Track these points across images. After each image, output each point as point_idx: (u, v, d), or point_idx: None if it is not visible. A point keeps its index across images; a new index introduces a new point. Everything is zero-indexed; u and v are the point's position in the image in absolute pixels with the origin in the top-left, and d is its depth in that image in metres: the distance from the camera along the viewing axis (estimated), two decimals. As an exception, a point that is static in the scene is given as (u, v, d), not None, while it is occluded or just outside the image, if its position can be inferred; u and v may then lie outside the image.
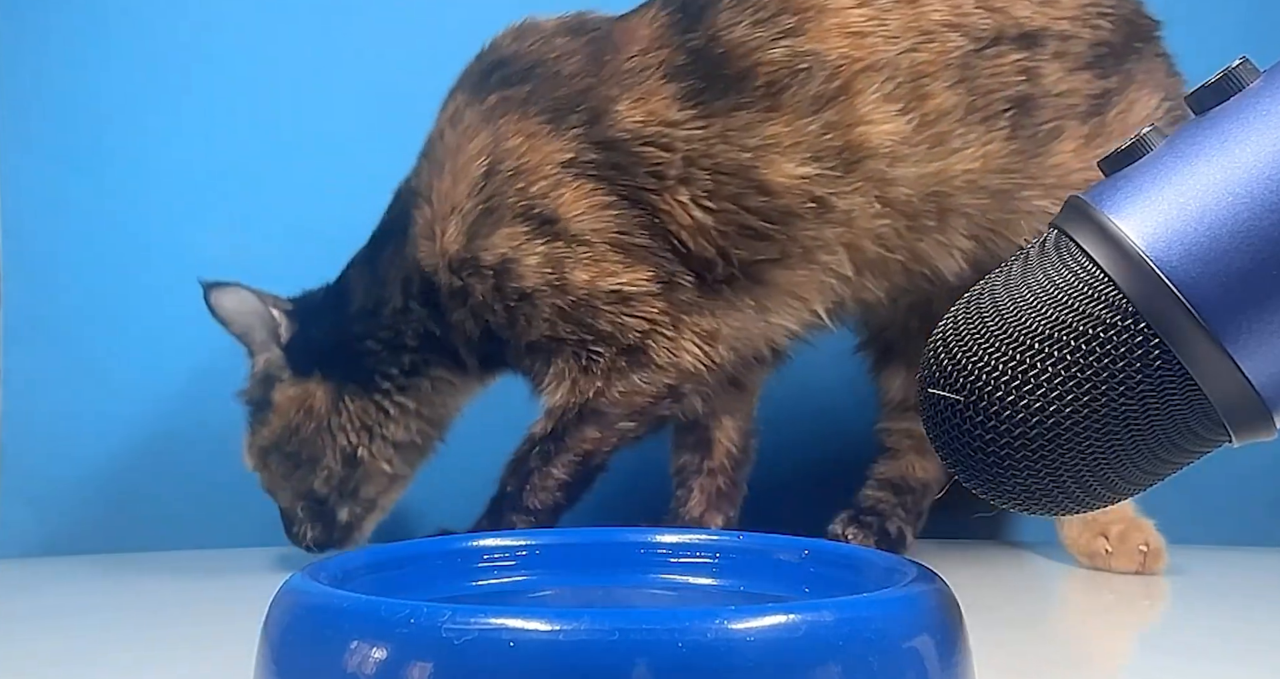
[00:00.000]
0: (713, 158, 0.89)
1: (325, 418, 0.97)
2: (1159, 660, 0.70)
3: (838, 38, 0.88)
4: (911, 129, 0.89)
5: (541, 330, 0.91)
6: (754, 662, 0.38)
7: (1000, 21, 0.90)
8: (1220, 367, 0.38)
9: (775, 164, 0.89)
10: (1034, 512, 0.43)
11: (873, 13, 0.89)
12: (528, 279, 0.90)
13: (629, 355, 0.90)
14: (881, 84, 0.88)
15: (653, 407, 0.91)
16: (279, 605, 0.44)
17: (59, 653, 0.73)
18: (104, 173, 1.20)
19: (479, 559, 0.57)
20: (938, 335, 0.43)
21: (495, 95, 0.93)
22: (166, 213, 1.20)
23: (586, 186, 0.89)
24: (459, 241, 0.91)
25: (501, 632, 0.38)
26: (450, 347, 0.97)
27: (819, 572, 0.54)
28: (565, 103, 0.90)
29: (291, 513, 0.99)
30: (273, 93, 1.21)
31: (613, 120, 0.90)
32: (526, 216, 0.89)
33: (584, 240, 0.89)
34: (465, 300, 0.93)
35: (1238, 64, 0.40)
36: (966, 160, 0.90)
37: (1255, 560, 1.05)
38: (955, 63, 0.89)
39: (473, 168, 0.91)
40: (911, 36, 0.89)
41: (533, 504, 0.91)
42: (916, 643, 0.41)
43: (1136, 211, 0.39)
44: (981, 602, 0.89)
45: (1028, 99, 0.90)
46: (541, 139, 0.90)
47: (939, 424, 0.42)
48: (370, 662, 0.39)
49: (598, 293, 0.89)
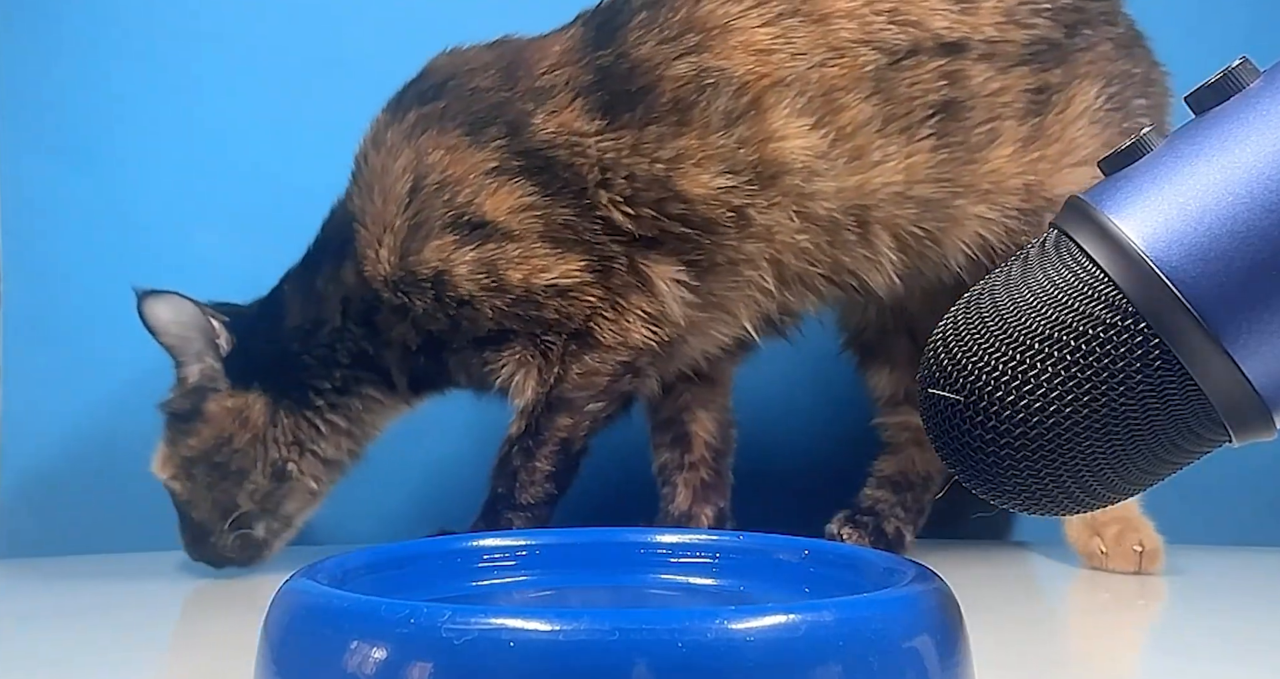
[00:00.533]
0: (628, 168, 0.89)
1: (261, 431, 0.97)
2: (1159, 660, 0.70)
3: (743, 55, 0.89)
4: (827, 144, 0.89)
5: (488, 326, 0.92)
6: (754, 662, 0.38)
7: (916, 35, 0.90)
8: (1220, 367, 0.38)
9: (691, 175, 0.89)
10: (1034, 512, 0.43)
11: (779, 31, 0.90)
12: (463, 286, 0.91)
13: (578, 339, 0.91)
14: (792, 99, 0.88)
15: (614, 384, 0.92)
16: (279, 605, 0.44)
17: (59, 653, 0.73)
18: (104, 173, 1.20)
19: (479, 559, 0.57)
20: (938, 335, 0.43)
21: (414, 112, 0.94)
22: (166, 213, 1.20)
23: (511, 186, 0.90)
24: (392, 260, 0.92)
25: (501, 632, 0.38)
26: (382, 366, 0.98)
27: (819, 572, 0.54)
28: (482, 116, 0.92)
29: (208, 526, 0.97)
30: (274, 92, 1.21)
31: (531, 132, 0.91)
32: (454, 226, 0.90)
33: (513, 237, 0.90)
34: (406, 314, 0.94)
35: (1238, 64, 0.40)
36: (889, 173, 0.89)
37: (1255, 560, 1.05)
38: (869, 76, 0.89)
39: (398, 186, 0.92)
40: (821, 53, 0.89)
41: (525, 500, 0.91)
42: (916, 643, 0.41)
43: (1136, 212, 0.39)
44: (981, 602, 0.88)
45: (954, 103, 0.90)
46: (463, 151, 0.91)
47: (939, 424, 0.42)
48: (370, 662, 0.39)
49: (535, 289, 0.90)
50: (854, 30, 0.90)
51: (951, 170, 0.91)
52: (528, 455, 0.92)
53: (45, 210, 1.19)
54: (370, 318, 0.96)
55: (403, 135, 0.94)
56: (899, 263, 0.93)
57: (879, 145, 0.89)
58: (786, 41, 0.89)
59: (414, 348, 0.96)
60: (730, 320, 0.95)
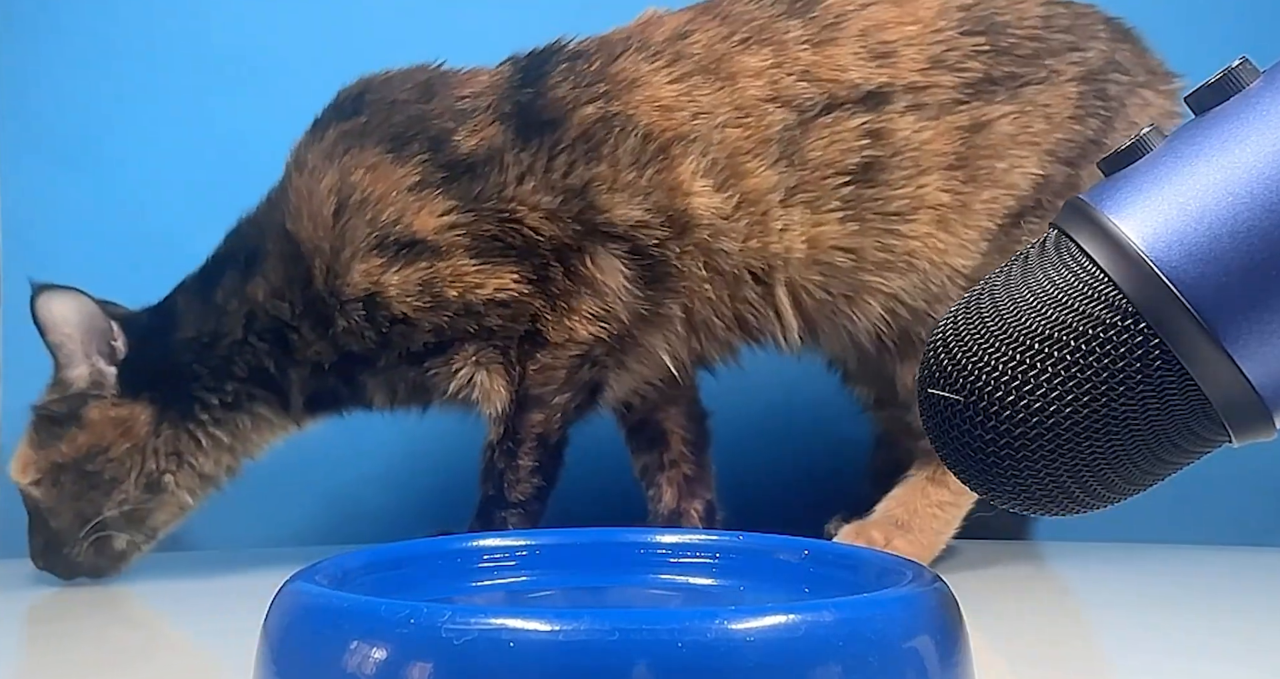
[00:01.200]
0: (546, 183, 0.90)
1: (142, 441, 0.94)
2: (1159, 660, 0.70)
3: (649, 108, 0.90)
4: (730, 207, 0.89)
5: (425, 339, 0.92)
6: (754, 662, 0.38)
7: (831, 89, 0.89)
8: (1220, 367, 0.38)
9: (608, 197, 0.90)
10: (1034, 512, 0.43)
11: (684, 89, 0.90)
12: (396, 307, 0.90)
13: (528, 339, 0.91)
14: (698, 156, 0.89)
15: (573, 375, 0.92)
16: (279, 606, 0.44)
17: (59, 653, 0.73)
18: (104, 173, 1.20)
19: (479, 559, 0.57)
20: (938, 335, 0.43)
21: (333, 129, 0.94)
22: (166, 213, 1.20)
23: (435, 202, 0.90)
24: (320, 281, 0.91)
25: (501, 632, 0.38)
26: (279, 384, 0.96)
27: (819, 572, 0.54)
28: (402, 130, 0.92)
29: (65, 535, 0.93)
30: (274, 92, 1.21)
31: (453, 146, 0.91)
32: (381, 247, 0.90)
33: (441, 255, 0.90)
34: (326, 331, 0.93)
35: (1238, 64, 0.40)
36: (792, 239, 0.90)
37: (1255, 560, 1.05)
38: (776, 138, 0.89)
39: (324, 209, 0.91)
40: (725, 112, 0.89)
41: (516, 497, 0.92)
42: (916, 643, 0.41)
43: (1136, 212, 0.39)
44: (982, 602, 0.89)
45: (874, 165, 0.89)
46: (385, 168, 0.91)
47: (939, 424, 0.42)
48: (370, 662, 0.39)
49: (474, 305, 0.90)
50: (762, 87, 0.90)
51: (861, 241, 0.90)
52: (510, 456, 0.92)
53: (45, 210, 1.19)
54: (281, 334, 0.94)
55: (324, 155, 0.93)
56: (802, 326, 0.94)
57: (781, 215, 0.90)
58: (691, 99, 0.90)
59: (327, 366, 0.94)
60: (648, 361, 0.95)
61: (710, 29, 0.93)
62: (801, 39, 0.91)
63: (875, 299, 0.92)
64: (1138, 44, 0.95)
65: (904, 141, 0.89)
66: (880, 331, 0.93)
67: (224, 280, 0.95)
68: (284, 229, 0.93)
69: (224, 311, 0.94)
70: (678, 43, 0.92)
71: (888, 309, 0.92)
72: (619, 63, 0.92)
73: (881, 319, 0.92)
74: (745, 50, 0.91)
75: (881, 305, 0.92)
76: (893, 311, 0.92)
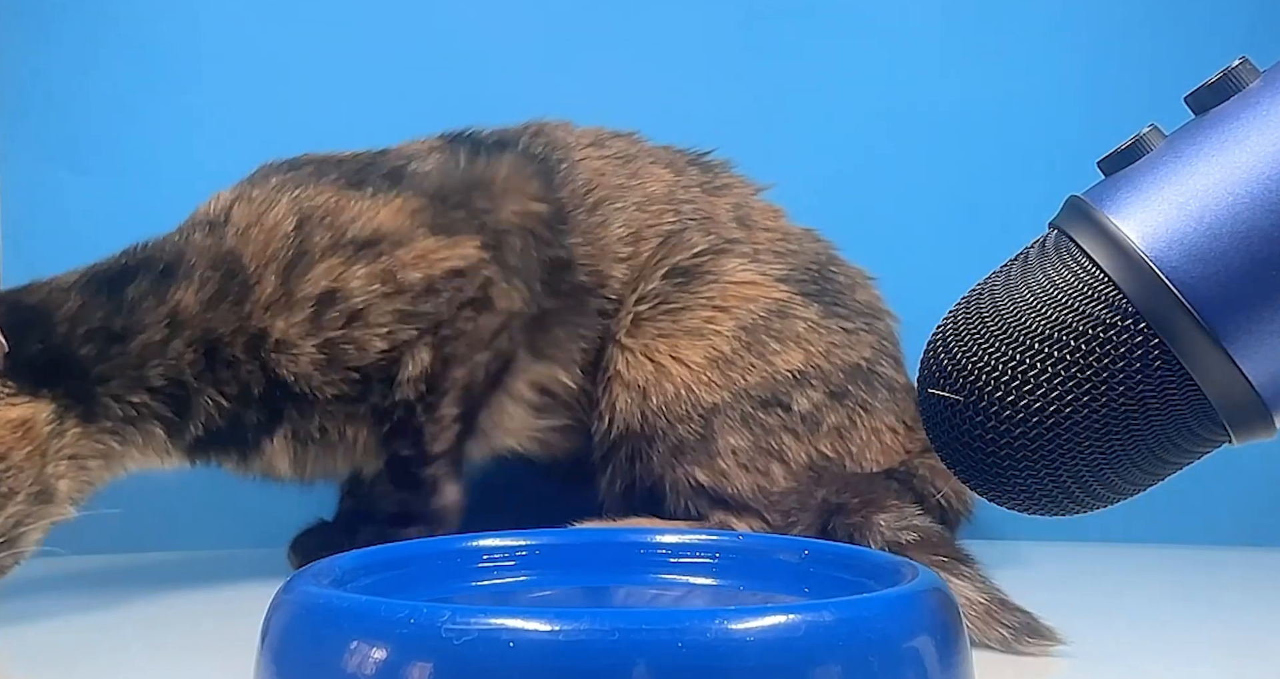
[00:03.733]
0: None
1: (43, 444, 0.82)
2: (1159, 660, 0.70)
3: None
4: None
5: (379, 347, 0.89)
6: (754, 662, 0.38)
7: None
8: (1220, 367, 0.38)
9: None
10: (1034, 512, 0.43)
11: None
12: (356, 296, 0.88)
13: (474, 305, 0.92)
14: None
15: (494, 339, 0.93)
16: (279, 606, 0.45)
17: (59, 653, 0.73)
18: (104, 173, 1.20)
19: (479, 559, 0.57)
20: (938, 335, 0.43)
21: (276, 178, 0.93)
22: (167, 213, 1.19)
23: (399, 201, 0.91)
24: (271, 284, 0.88)
25: (501, 632, 0.38)
26: (187, 406, 0.87)
27: (819, 572, 0.54)
28: (357, 172, 0.94)
29: None
30: (275, 93, 1.20)
31: (411, 171, 0.94)
32: (338, 246, 0.89)
33: (404, 242, 0.90)
34: (258, 350, 0.88)
35: (1238, 64, 0.40)
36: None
37: (1255, 560, 1.05)
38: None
39: (283, 225, 0.90)
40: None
41: (439, 448, 0.92)
42: (916, 643, 0.41)
43: (1136, 212, 0.39)
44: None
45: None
46: (344, 191, 0.92)
47: (939, 424, 0.42)
48: (370, 662, 0.39)
49: (435, 281, 0.90)
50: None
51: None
52: (431, 409, 0.91)
53: (45, 211, 1.18)
54: (213, 348, 0.87)
55: (273, 189, 0.92)
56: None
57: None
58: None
59: (256, 392, 0.88)
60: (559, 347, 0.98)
61: None
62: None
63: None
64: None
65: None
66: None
67: (137, 281, 0.88)
68: (221, 249, 0.89)
69: (136, 308, 0.86)
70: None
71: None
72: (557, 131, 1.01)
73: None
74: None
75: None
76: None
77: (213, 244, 0.90)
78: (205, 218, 0.92)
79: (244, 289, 0.88)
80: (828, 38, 1.19)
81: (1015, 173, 1.15)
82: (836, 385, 0.93)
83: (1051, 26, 1.19)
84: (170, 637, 0.78)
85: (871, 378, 0.94)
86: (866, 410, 0.93)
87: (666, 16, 1.20)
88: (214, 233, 0.91)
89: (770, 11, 1.20)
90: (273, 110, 1.20)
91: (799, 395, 0.91)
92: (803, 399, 0.91)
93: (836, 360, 0.93)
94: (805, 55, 1.19)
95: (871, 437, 0.93)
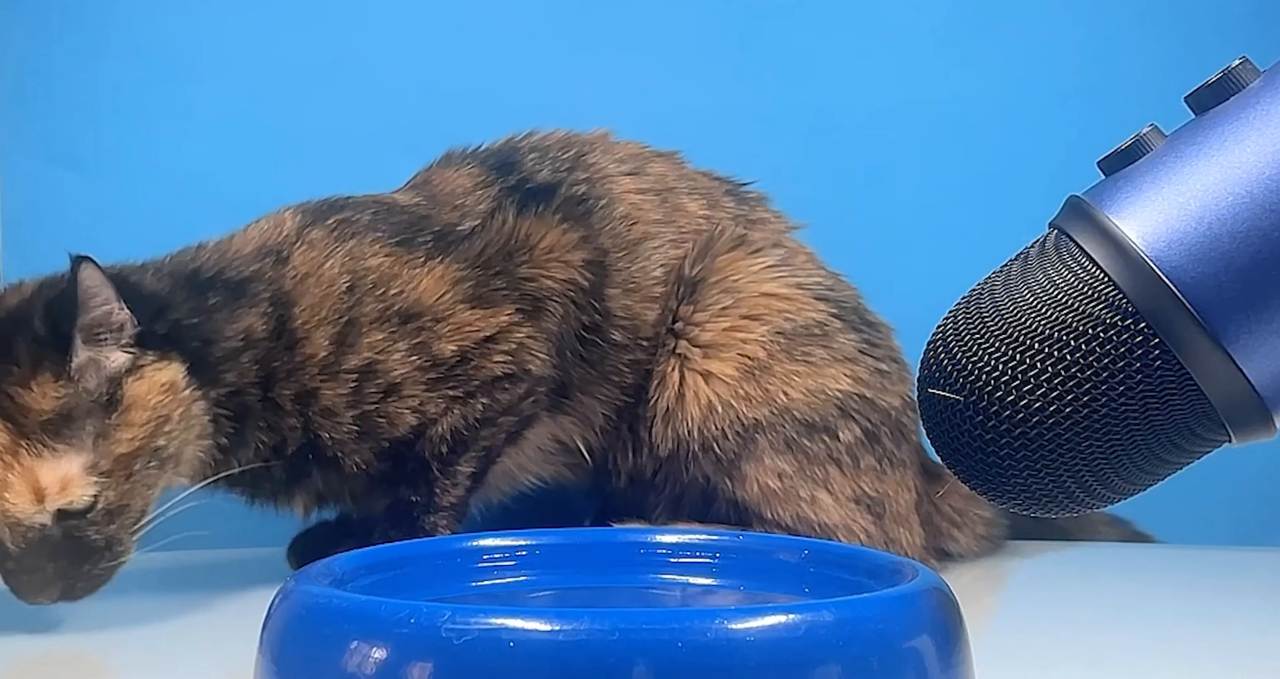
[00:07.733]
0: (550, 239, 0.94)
1: (188, 404, 0.81)
2: (1159, 660, 0.70)
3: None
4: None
5: (409, 422, 0.89)
6: (754, 662, 0.38)
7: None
8: (1220, 367, 0.38)
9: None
10: (1034, 512, 0.43)
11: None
12: (395, 370, 0.88)
13: (507, 378, 0.91)
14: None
15: (521, 403, 0.93)
16: (279, 606, 0.45)
17: (59, 653, 0.73)
18: (104, 173, 1.20)
19: (479, 559, 0.57)
20: (938, 335, 0.43)
21: (335, 218, 0.92)
22: (166, 213, 1.20)
23: (442, 268, 0.90)
24: (323, 348, 0.87)
25: (501, 632, 0.38)
26: (241, 435, 0.86)
27: (819, 572, 0.54)
28: (410, 226, 0.92)
29: (118, 540, 0.79)
30: (275, 93, 1.20)
31: (460, 231, 0.93)
32: (384, 319, 0.89)
33: (442, 316, 0.89)
34: (309, 404, 0.87)
35: (1238, 64, 0.40)
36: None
37: (1255, 560, 1.05)
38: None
39: (338, 284, 0.89)
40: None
41: (448, 501, 0.92)
42: (916, 643, 0.41)
43: (1136, 212, 0.39)
44: (982, 602, 0.89)
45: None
46: (394, 251, 0.91)
47: (939, 424, 0.42)
48: (370, 662, 0.39)
49: (469, 351, 0.90)
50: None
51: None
52: (448, 464, 0.91)
53: (45, 211, 1.18)
54: (269, 376, 0.86)
55: (332, 236, 0.91)
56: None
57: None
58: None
59: (290, 449, 0.88)
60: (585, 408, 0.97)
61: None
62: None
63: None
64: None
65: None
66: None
67: (216, 288, 0.87)
68: (282, 288, 0.88)
69: (214, 315, 0.85)
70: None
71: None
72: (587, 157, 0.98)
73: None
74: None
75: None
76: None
77: (275, 278, 0.89)
78: (274, 244, 0.91)
79: (293, 339, 0.87)
80: (827, 38, 1.19)
81: (1015, 173, 1.15)
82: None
83: (1052, 26, 1.19)
84: (170, 637, 0.78)
85: (900, 428, 0.94)
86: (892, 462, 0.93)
87: (666, 16, 1.20)
88: (278, 267, 0.90)
89: (770, 11, 1.20)
90: (273, 110, 1.20)
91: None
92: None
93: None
94: (805, 55, 1.20)
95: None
